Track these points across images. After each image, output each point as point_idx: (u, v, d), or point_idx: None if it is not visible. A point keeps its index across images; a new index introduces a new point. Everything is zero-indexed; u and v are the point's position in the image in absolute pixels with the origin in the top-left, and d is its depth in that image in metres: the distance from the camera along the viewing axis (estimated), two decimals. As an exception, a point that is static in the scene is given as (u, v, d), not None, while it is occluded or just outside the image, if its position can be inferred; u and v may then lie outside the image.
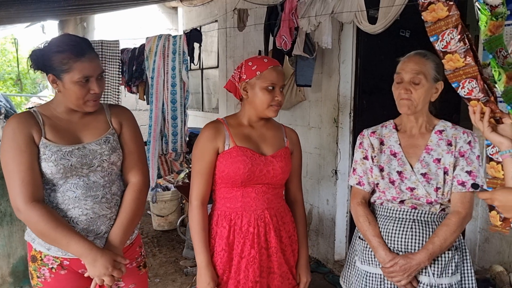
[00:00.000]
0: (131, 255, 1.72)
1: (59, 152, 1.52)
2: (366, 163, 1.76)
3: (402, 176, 1.66)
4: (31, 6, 4.26)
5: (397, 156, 1.69)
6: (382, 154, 1.72)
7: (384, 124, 1.81)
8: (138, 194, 1.67)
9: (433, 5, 1.31)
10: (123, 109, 1.76)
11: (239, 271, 1.68)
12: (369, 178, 1.74)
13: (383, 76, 3.62)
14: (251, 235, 1.66)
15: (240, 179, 1.64)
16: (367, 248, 1.73)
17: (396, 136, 1.73)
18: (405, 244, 1.64)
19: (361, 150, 1.78)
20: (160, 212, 4.75)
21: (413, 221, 1.65)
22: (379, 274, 1.68)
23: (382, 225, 1.70)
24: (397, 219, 1.67)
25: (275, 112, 1.68)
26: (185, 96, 3.88)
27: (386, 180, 1.68)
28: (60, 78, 1.51)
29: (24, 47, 12.88)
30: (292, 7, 3.14)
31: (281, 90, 1.68)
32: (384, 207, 1.72)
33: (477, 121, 1.34)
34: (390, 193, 1.68)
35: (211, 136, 1.67)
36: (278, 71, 1.67)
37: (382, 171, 1.70)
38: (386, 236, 1.67)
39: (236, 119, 1.75)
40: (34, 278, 1.62)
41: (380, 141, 1.75)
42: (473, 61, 1.30)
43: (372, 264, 1.71)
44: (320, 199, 3.85)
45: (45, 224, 1.46)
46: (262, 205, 1.69)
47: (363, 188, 1.76)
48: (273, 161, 1.69)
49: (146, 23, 7.02)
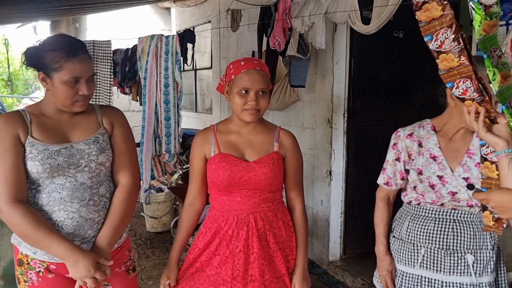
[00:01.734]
0: (120, 258, 1.70)
1: (46, 151, 1.50)
2: (397, 164, 1.75)
3: (443, 181, 1.64)
4: (22, 6, 4.22)
5: (437, 160, 1.66)
6: (421, 156, 1.69)
7: (421, 124, 1.74)
8: (128, 195, 1.65)
9: (427, 4, 1.31)
10: (115, 110, 1.75)
11: (210, 266, 1.69)
12: (397, 179, 1.77)
13: (376, 77, 3.66)
14: (229, 237, 1.67)
15: (222, 185, 1.66)
16: (404, 247, 1.74)
17: (436, 138, 1.68)
18: (446, 243, 1.64)
19: (394, 151, 1.76)
20: (153, 214, 4.72)
21: (454, 221, 1.65)
22: (417, 275, 1.70)
23: (420, 224, 1.70)
24: (437, 219, 1.67)
25: (251, 116, 1.64)
26: (178, 97, 3.86)
27: (425, 184, 1.67)
28: (50, 76, 1.50)
29: (16, 47, 12.79)
30: (286, 7, 3.13)
31: (261, 93, 1.64)
32: (422, 208, 1.71)
33: (472, 121, 1.33)
34: (429, 196, 1.67)
35: (199, 143, 1.75)
36: (251, 74, 1.62)
37: (421, 175, 1.68)
38: (426, 235, 1.68)
39: (226, 125, 1.77)
40: (21, 282, 1.59)
41: (419, 143, 1.71)
42: (467, 61, 1.30)
43: (409, 264, 1.72)
44: (314, 200, 3.85)
45: (27, 225, 1.43)
46: (247, 209, 1.67)
47: (389, 188, 1.80)
48: (256, 167, 1.66)
49: (139, 23, 6.99)
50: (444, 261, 1.64)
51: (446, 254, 1.64)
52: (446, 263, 1.64)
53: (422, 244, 1.69)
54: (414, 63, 3.61)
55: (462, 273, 1.63)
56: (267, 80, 1.67)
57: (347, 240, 3.75)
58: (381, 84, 3.65)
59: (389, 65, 3.64)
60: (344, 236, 3.74)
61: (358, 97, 3.55)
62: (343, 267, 3.60)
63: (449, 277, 1.64)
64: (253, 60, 1.69)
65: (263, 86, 1.64)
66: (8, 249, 2.90)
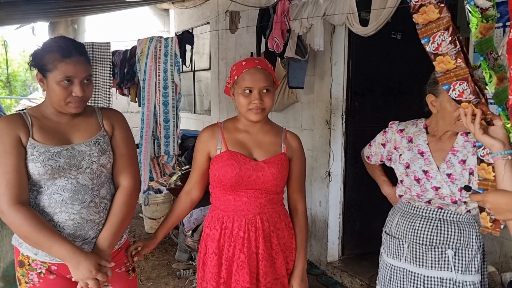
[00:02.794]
0: (120, 259, 1.71)
1: (47, 152, 1.51)
2: (381, 148, 1.92)
3: (428, 175, 1.71)
4: (21, 8, 4.22)
5: (424, 155, 1.74)
6: (410, 151, 1.77)
7: (415, 122, 1.83)
8: (128, 197, 1.66)
9: (424, 7, 1.32)
10: (115, 112, 1.76)
11: (230, 274, 1.67)
12: (377, 159, 1.97)
13: (375, 78, 3.67)
14: (241, 239, 1.65)
15: (229, 183, 1.64)
16: (392, 242, 1.82)
17: (425, 136, 1.77)
18: (430, 239, 1.70)
19: (383, 137, 1.91)
20: (152, 215, 4.72)
21: (439, 220, 1.71)
22: (403, 268, 1.76)
23: (408, 221, 1.77)
24: (424, 217, 1.74)
25: (256, 116, 1.63)
26: (177, 99, 3.86)
27: (411, 177, 1.75)
28: (45, 76, 1.53)
29: (14, 49, 12.76)
30: (284, 9, 3.15)
31: (265, 92, 1.63)
32: (411, 205, 1.79)
33: (469, 123, 1.34)
34: (414, 190, 1.74)
35: (204, 139, 1.74)
36: (252, 73, 1.61)
37: (408, 168, 1.76)
38: (412, 231, 1.74)
39: (234, 123, 1.76)
40: (22, 283, 1.59)
41: (409, 139, 1.80)
42: (464, 63, 1.31)
43: (396, 258, 1.79)
44: (312, 201, 3.86)
45: (29, 227, 1.44)
46: (254, 210, 1.67)
47: (369, 162, 2.04)
48: (264, 167, 1.65)
49: (138, 25, 6.98)
50: (426, 256, 1.71)
51: (428, 249, 1.70)
52: (428, 258, 1.70)
53: (406, 239, 1.76)
54: (412, 64, 3.62)
55: (443, 268, 1.68)
56: (270, 78, 1.65)
57: (345, 241, 3.76)
58: (379, 86, 3.66)
59: (387, 67, 3.65)
60: (342, 237, 3.75)
61: (356, 98, 3.57)
62: (342, 268, 3.61)
63: (431, 271, 1.70)
64: (254, 59, 1.68)
65: (266, 84, 1.62)
66: (8, 251, 2.90)
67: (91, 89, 1.61)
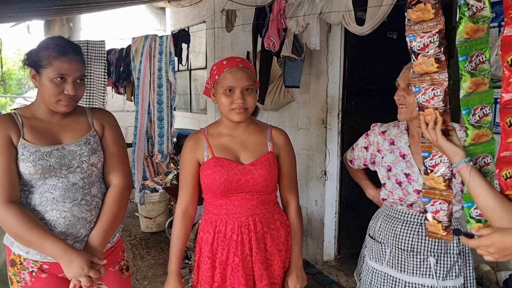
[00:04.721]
0: (113, 258, 1.72)
1: (37, 152, 1.52)
2: (363, 152, 1.87)
3: (409, 178, 1.67)
4: (16, 6, 4.19)
5: (406, 158, 1.70)
6: (391, 154, 1.73)
7: (397, 124, 1.80)
8: (119, 196, 1.67)
9: (421, 4, 1.30)
10: (105, 112, 1.78)
11: (224, 278, 1.65)
12: (360, 163, 1.92)
13: (371, 78, 3.67)
14: (235, 242, 1.64)
15: (219, 189, 1.62)
16: (375, 245, 1.79)
17: (406, 138, 1.73)
18: (411, 245, 1.67)
19: (365, 140, 1.87)
20: (148, 214, 4.71)
21: (420, 225, 1.68)
22: (384, 272, 1.73)
23: (390, 224, 1.74)
24: (405, 221, 1.71)
25: (239, 116, 1.60)
26: (171, 97, 3.85)
27: (392, 180, 1.71)
28: (39, 73, 1.54)
29: (9, 47, 12.69)
30: (280, 8, 3.14)
31: (248, 91, 1.60)
32: (394, 209, 1.76)
33: (430, 130, 1.32)
34: (397, 193, 1.71)
35: (190, 148, 1.70)
36: (234, 72, 1.58)
37: (390, 171, 1.73)
38: (394, 236, 1.71)
39: (217, 127, 1.73)
40: (14, 283, 1.60)
41: (391, 141, 1.76)
42: (445, 69, 1.30)
43: (378, 262, 1.76)
44: (308, 200, 3.85)
45: (20, 226, 1.45)
46: (246, 212, 1.65)
47: (352, 166, 1.99)
48: (252, 169, 1.63)
49: (134, 23, 6.97)
50: (407, 262, 1.68)
51: (410, 256, 1.67)
52: (410, 264, 1.68)
53: (388, 244, 1.73)
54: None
55: (424, 275, 1.66)
56: (252, 77, 1.62)
57: (341, 240, 3.76)
58: (375, 85, 3.66)
59: (383, 66, 3.64)
60: (338, 236, 3.75)
61: (352, 97, 3.56)
62: (338, 267, 3.61)
63: (412, 277, 1.67)
64: (236, 58, 1.65)
65: (248, 83, 1.60)
66: (2, 250, 2.88)
67: (83, 90, 1.62)
